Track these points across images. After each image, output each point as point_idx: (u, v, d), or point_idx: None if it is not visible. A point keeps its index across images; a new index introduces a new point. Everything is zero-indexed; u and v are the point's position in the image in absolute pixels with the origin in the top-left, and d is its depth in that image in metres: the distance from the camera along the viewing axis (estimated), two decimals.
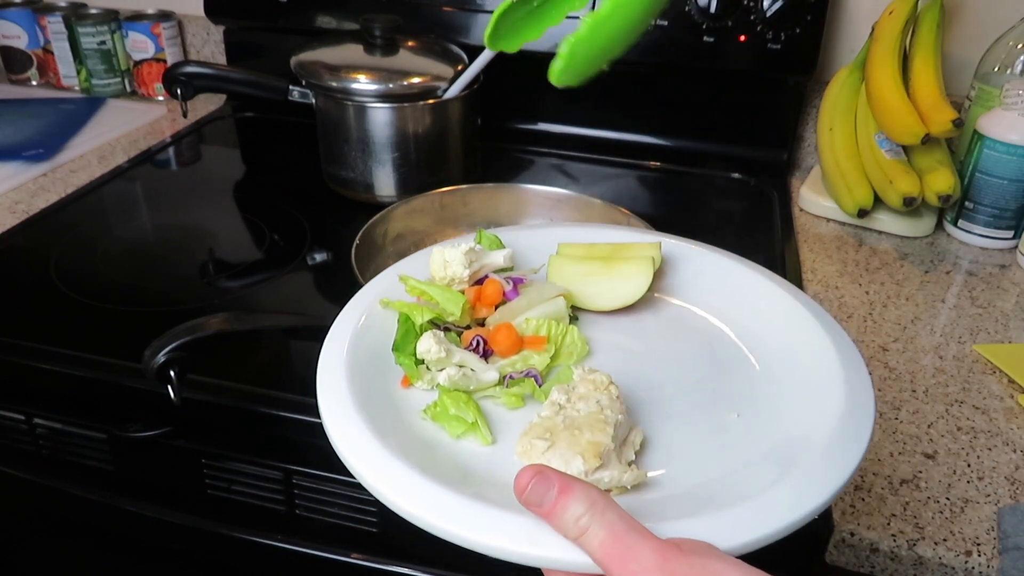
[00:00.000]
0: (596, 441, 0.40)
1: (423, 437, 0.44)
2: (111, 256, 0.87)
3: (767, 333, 0.52)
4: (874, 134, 0.98)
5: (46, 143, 1.12)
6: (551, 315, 0.51)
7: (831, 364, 0.47)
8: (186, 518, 0.71)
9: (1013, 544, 0.51)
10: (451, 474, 0.41)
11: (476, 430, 0.44)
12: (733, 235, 1.00)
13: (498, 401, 0.47)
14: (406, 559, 0.67)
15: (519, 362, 0.49)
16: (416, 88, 0.92)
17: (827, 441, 0.41)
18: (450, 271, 0.53)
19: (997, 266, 0.93)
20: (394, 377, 0.48)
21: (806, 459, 0.41)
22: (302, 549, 0.69)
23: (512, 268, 0.56)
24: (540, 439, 0.41)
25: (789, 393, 0.47)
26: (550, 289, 0.53)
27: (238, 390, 0.66)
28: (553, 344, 0.50)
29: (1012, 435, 0.67)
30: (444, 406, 0.45)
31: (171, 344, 0.57)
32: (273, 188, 1.03)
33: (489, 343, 0.50)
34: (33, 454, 0.74)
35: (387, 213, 0.82)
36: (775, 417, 0.46)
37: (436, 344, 0.47)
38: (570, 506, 0.35)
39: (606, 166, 1.13)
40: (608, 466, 0.40)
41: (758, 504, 0.38)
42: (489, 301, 0.53)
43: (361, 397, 0.44)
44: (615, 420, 0.41)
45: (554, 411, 0.43)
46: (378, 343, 0.49)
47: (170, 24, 1.28)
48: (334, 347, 0.48)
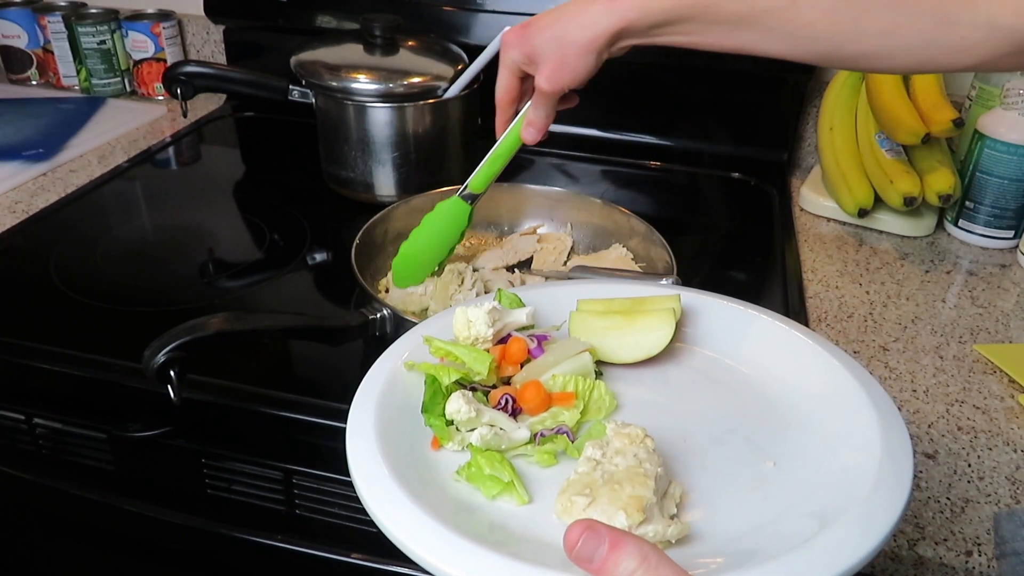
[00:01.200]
0: (638, 495, 0.39)
1: (458, 499, 0.44)
2: (111, 256, 0.87)
3: (790, 378, 0.52)
4: (874, 134, 0.98)
5: (46, 143, 1.12)
6: (577, 371, 0.51)
7: (861, 406, 0.47)
8: (186, 518, 0.71)
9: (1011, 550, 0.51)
10: (489, 535, 0.41)
11: (512, 490, 0.44)
12: (733, 235, 1.00)
13: (531, 460, 0.47)
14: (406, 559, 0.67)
15: (549, 419, 0.49)
16: (416, 88, 0.92)
17: (869, 485, 0.41)
18: (474, 331, 0.53)
19: (997, 266, 0.93)
20: (423, 439, 0.48)
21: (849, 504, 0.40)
22: (302, 549, 0.69)
23: (534, 326, 0.56)
24: (580, 496, 0.40)
25: (821, 438, 0.47)
26: (575, 345, 0.53)
27: (238, 390, 0.66)
28: (581, 400, 0.50)
29: (1012, 435, 0.67)
30: (479, 466, 0.44)
31: (171, 344, 0.57)
32: (273, 188, 1.03)
33: (518, 401, 0.49)
34: (33, 454, 0.74)
35: (387, 213, 0.82)
36: (811, 463, 0.46)
37: (466, 404, 0.47)
38: (622, 561, 0.34)
39: (606, 166, 1.13)
40: (651, 520, 0.39)
41: (804, 556, 0.37)
42: (514, 359, 0.53)
43: (393, 461, 0.43)
44: (655, 473, 0.41)
45: (591, 467, 0.42)
46: (405, 406, 0.49)
47: (170, 24, 1.28)
48: (362, 411, 0.47)
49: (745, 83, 1.09)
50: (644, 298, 0.57)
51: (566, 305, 0.58)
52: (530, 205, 0.89)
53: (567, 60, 0.61)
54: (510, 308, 0.56)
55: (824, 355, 0.52)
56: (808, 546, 0.38)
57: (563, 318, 0.57)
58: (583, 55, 0.60)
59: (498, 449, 0.46)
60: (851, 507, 0.40)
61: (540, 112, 0.67)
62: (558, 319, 0.57)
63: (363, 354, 0.71)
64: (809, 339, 0.54)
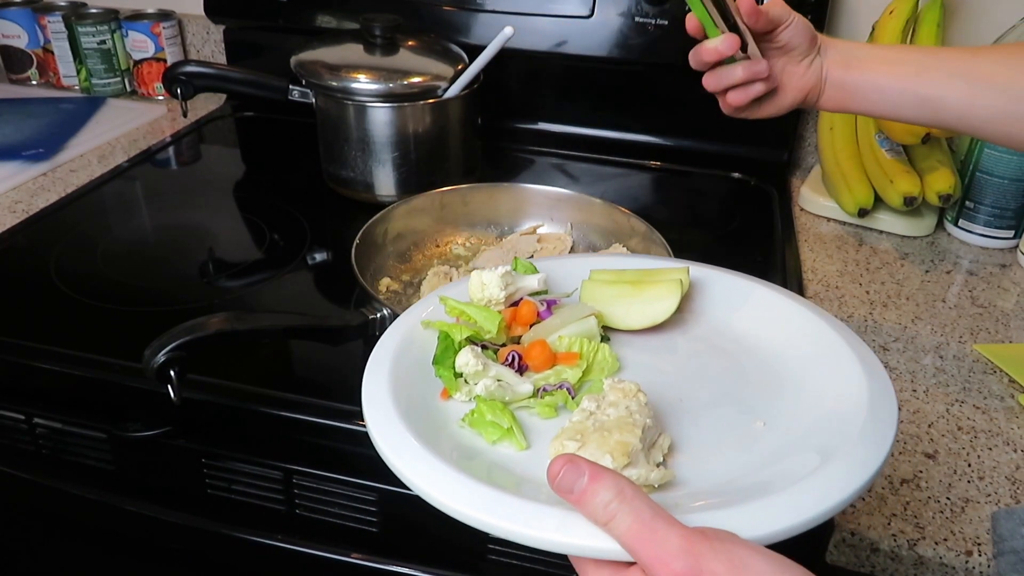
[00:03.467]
0: (624, 441, 0.41)
1: (462, 443, 0.46)
2: (111, 256, 0.87)
3: (786, 345, 0.54)
4: (874, 133, 0.98)
5: (46, 143, 1.12)
6: (583, 333, 0.53)
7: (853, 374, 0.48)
8: (186, 518, 0.71)
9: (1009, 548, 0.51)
10: (489, 475, 0.43)
11: (511, 436, 0.46)
12: (733, 234, 1.00)
13: (532, 411, 0.49)
14: (406, 559, 0.67)
15: (552, 376, 0.51)
16: (416, 88, 0.92)
17: (849, 444, 0.43)
18: (487, 292, 0.56)
19: (997, 265, 0.93)
20: (434, 389, 0.50)
21: (827, 457, 0.42)
22: (302, 549, 0.69)
23: (546, 291, 0.59)
24: (571, 440, 0.43)
25: (812, 402, 0.49)
26: (582, 309, 0.55)
27: (238, 390, 0.66)
28: (585, 360, 0.52)
29: (1012, 435, 0.67)
30: (481, 413, 0.47)
31: (171, 344, 0.57)
32: (273, 188, 1.03)
33: (524, 359, 0.52)
34: (33, 454, 0.74)
35: (387, 213, 0.82)
36: (799, 424, 0.47)
37: (474, 358, 0.49)
38: (599, 492, 0.36)
39: (606, 166, 1.13)
40: (636, 465, 0.41)
41: (781, 497, 0.39)
42: (524, 321, 0.55)
43: (404, 407, 0.46)
44: (643, 423, 0.43)
45: (585, 416, 0.45)
46: (420, 360, 0.51)
47: (170, 23, 1.28)
48: (379, 362, 0.50)
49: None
50: (654, 270, 0.59)
51: (579, 275, 0.60)
52: (530, 205, 0.89)
53: None
54: (524, 274, 0.59)
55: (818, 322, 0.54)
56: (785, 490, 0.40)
57: (575, 286, 0.59)
58: None
59: (502, 400, 0.49)
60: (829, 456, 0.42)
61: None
62: (571, 288, 0.60)
63: (363, 354, 0.71)
64: (809, 310, 0.55)
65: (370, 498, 0.65)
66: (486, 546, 0.64)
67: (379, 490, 0.65)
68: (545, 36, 1.08)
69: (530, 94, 1.16)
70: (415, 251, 0.85)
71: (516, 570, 0.65)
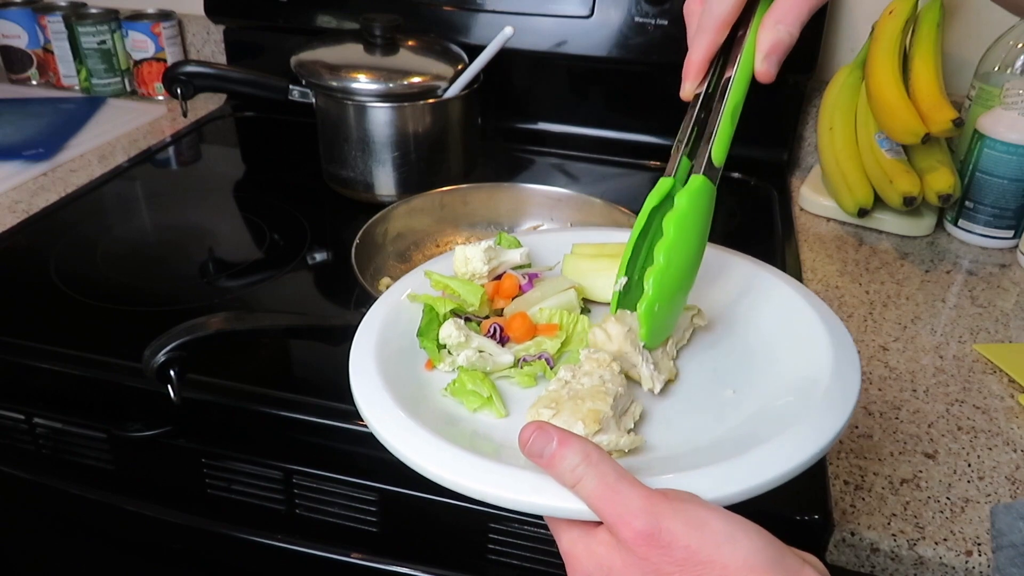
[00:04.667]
0: (596, 408, 0.43)
1: (445, 411, 0.48)
2: (111, 256, 0.87)
3: (765, 320, 0.55)
4: (874, 133, 0.98)
5: (46, 143, 1.12)
6: (563, 305, 0.55)
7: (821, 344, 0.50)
8: (186, 518, 0.71)
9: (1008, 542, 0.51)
10: (470, 442, 0.45)
11: (491, 404, 0.48)
12: (733, 234, 1.00)
13: (513, 381, 0.51)
14: (406, 559, 0.67)
15: (532, 347, 0.53)
16: (416, 88, 0.92)
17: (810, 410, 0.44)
18: (471, 267, 0.58)
19: (997, 265, 0.93)
20: (419, 361, 0.52)
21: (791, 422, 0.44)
22: (302, 549, 0.69)
23: (529, 265, 0.61)
24: (546, 408, 0.45)
25: (782, 372, 0.50)
26: (562, 282, 0.57)
27: (238, 390, 0.66)
28: (564, 331, 0.53)
29: (1012, 435, 0.67)
30: (462, 383, 0.49)
31: (171, 344, 0.57)
32: (273, 188, 1.03)
33: (505, 330, 0.54)
34: (33, 454, 0.74)
35: (387, 213, 0.82)
36: (768, 391, 0.49)
37: (456, 330, 0.51)
38: (567, 456, 0.38)
39: (606, 166, 1.13)
40: (607, 431, 0.43)
41: (741, 460, 0.41)
42: (506, 294, 0.57)
43: (389, 376, 0.48)
44: (615, 392, 0.45)
45: (560, 385, 0.46)
46: (405, 332, 0.53)
47: (170, 23, 1.28)
48: (365, 334, 0.52)
49: None
50: None
51: (562, 249, 0.61)
52: (530, 205, 0.89)
53: None
54: (507, 248, 0.61)
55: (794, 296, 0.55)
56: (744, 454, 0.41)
57: (558, 260, 0.61)
58: None
59: (483, 370, 0.51)
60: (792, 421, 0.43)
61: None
62: (553, 261, 0.62)
63: None
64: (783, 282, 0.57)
65: (370, 498, 0.65)
66: (486, 546, 0.64)
67: (379, 490, 0.65)
68: (545, 36, 1.08)
69: (530, 94, 1.16)
70: (415, 251, 0.85)
71: (516, 570, 0.65)
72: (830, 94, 1.04)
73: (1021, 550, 0.49)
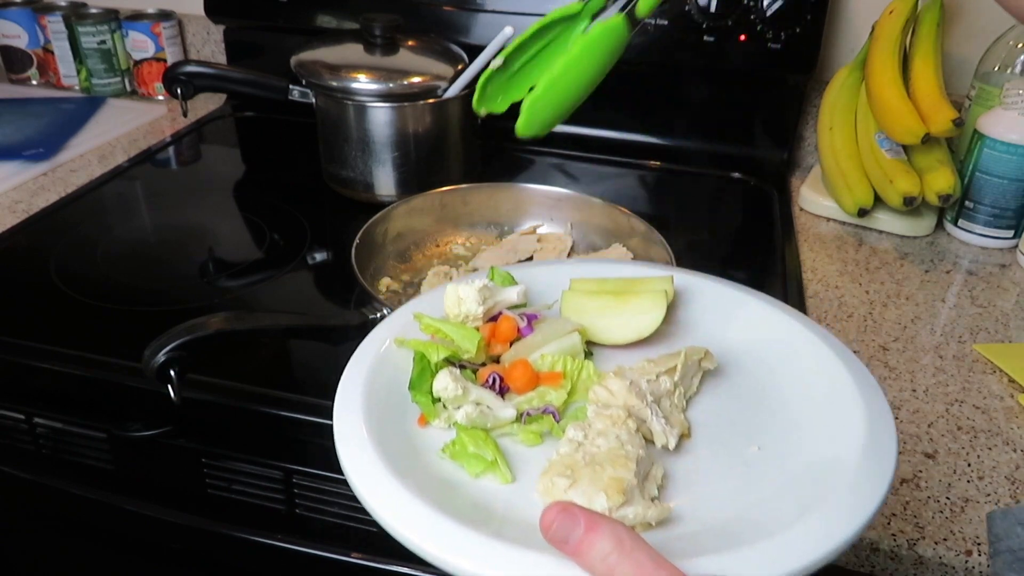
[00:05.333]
0: (619, 477, 0.39)
1: (442, 476, 0.44)
2: (111, 256, 0.87)
3: (782, 364, 0.52)
4: (874, 133, 0.98)
5: (46, 143, 1.12)
6: (566, 350, 0.51)
7: (848, 392, 0.47)
8: (186, 518, 0.71)
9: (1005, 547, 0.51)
10: (471, 513, 0.41)
11: (495, 468, 0.44)
12: (733, 235, 1.00)
13: (516, 438, 0.47)
14: (406, 559, 0.67)
15: (536, 398, 0.49)
16: (416, 88, 0.92)
17: (851, 474, 0.41)
18: (464, 308, 0.53)
19: (997, 265, 0.93)
20: (411, 416, 0.48)
21: (831, 492, 0.40)
22: (302, 549, 0.69)
23: (526, 304, 0.56)
24: (561, 477, 0.40)
25: (808, 423, 0.47)
26: (564, 324, 0.53)
27: (238, 390, 0.66)
28: (569, 380, 0.50)
29: (1012, 435, 0.67)
30: (463, 444, 0.44)
31: (171, 344, 0.57)
32: (273, 188, 1.03)
33: (505, 380, 0.50)
34: (33, 454, 0.74)
35: (387, 213, 0.82)
36: (796, 448, 0.45)
37: (453, 382, 0.47)
38: (597, 543, 0.34)
39: (606, 166, 1.13)
40: (632, 502, 0.39)
41: (784, 540, 0.37)
42: (504, 338, 0.53)
43: (379, 437, 0.43)
44: (636, 455, 0.41)
45: (573, 448, 0.43)
46: (394, 382, 0.49)
47: (170, 23, 1.28)
48: (350, 387, 0.47)
49: (745, 83, 1.09)
50: (637, 279, 0.57)
51: (559, 285, 0.57)
52: (530, 205, 0.89)
53: None
54: (502, 286, 0.56)
55: (815, 341, 0.51)
56: (787, 531, 0.38)
57: (555, 297, 0.56)
58: None
59: (484, 427, 0.46)
60: (831, 496, 0.40)
61: None
62: (551, 298, 0.57)
63: None
64: (800, 323, 0.53)
65: None
66: None
67: None
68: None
69: None
70: (415, 251, 0.85)
71: None
72: (830, 94, 1.04)
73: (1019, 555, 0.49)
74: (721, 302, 0.57)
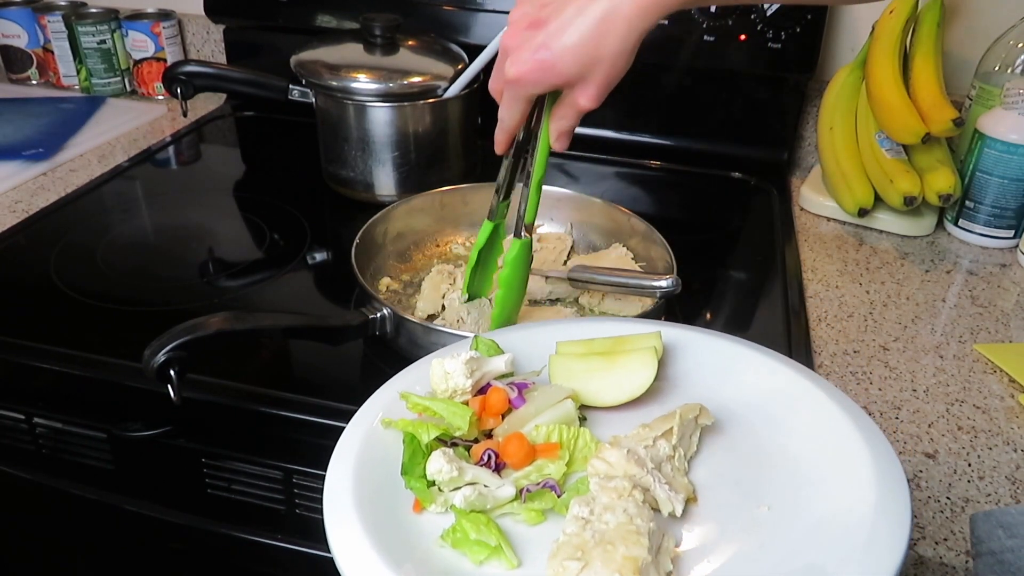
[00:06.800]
0: (633, 556, 0.38)
1: (443, 566, 0.42)
2: (111, 256, 0.87)
3: (780, 415, 0.51)
4: (875, 133, 0.98)
5: (46, 142, 1.12)
6: (560, 419, 0.50)
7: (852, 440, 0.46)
8: (186, 518, 0.71)
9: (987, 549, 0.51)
10: None
11: (500, 554, 0.42)
12: (733, 234, 1.00)
13: (517, 518, 0.45)
14: None
15: (534, 473, 0.47)
16: (416, 88, 0.92)
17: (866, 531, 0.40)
18: (452, 383, 0.51)
19: (997, 265, 0.93)
20: (404, 502, 0.46)
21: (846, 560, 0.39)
22: (302, 549, 0.69)
23: (513, 373, 0.55)
24: (572, 560, 0.39)
25: (815, 476, 0.46)
26: (556, 392, 0.52)
27: (238, 390, 0.66)
28: (567, 450, 0.48)
29: (1013, 435, 0.67)
30: (464, 531, 0.43)
31: (171, 344, 0.57)
32: (273, 188, 1.03)
33: (501, 456, 0.48)
34: (33, 454, 0.74)
35: (387, 212, 0.82)
36: (806, 505, 0.44)
37: (447, 463, 0.45)
38: None
39: (606, 166, 1.13)
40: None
41: None
42: (495, 411, 0.51)
43: (373, 528, 0.42)
44: (648, 529, 0.40)
45: (580, 526, 0.41)
46: (384, 466, 0.47)
47: (170, 23, 1.28)
48: (339, 475, 0.46)
49: (745, 83, 1.09)
50: (624, 337, 0.55)
51: (544, 348, 0.56)
52: None
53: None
54: (488, 356, 0.55)
55: (815, 391, 0.50)
56: None
57: (542, 362, 0.55)
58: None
59: (483, 509, 0.44)
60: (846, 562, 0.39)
61: (571, 122, 0.59)
62: (537, 363, 0.56)
63: (363, 354, 0.72)
64: (798, 373, 0.52)
65: None
66: None
67: None
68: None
69: None
70: (415, 251, 0.85)
71: None
72: (830, 94, 1.04)
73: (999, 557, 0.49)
74: (711, 355, 0.56)
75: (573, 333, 0.57)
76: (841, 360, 0.75)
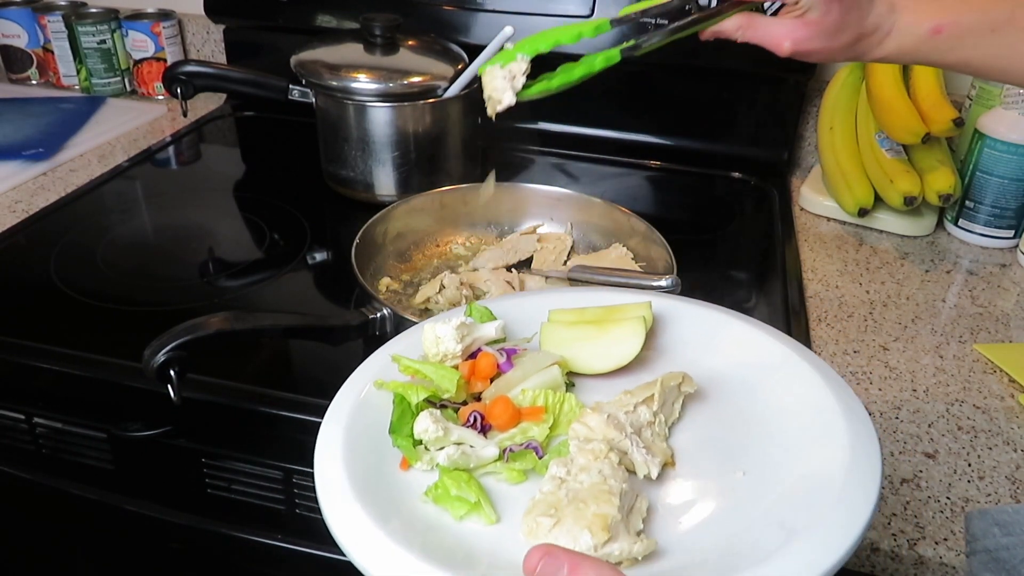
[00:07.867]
0: (603, 513, 0.39)
1: (426, 520, 0.43)
2: (111, 256, 0.87)
3: (764, 386, 0.51)
4: (875, 133, 0.98)
5: (46, 142, 1.12)
6: (547, 384, 0.51)
7: (829, 408, 0.46)
8: (186, 518, 0.71)
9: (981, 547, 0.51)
10: (456, 557, 0.40)
11: (479, 510, 0.43)
12: (733, 234, 1.00)
13: (499, 477, 0.46)
14: None
15: (518, 435, 0.48)
16: (416, 87, 0.92)
17: (836, 493, 0.41)
18: (443, 347, 0.52)
19: (997, 265, 0.93)
20: (392, 460, 0.47)
21: (817, 514, 0.40)
22: (302, 549, 0.69)
23: (504, 339, 0.56)
24: (545, 516, 0.40)
25: (792, 443, 0.46)
26: (544, 358, 0.52)
27: (238, 390, 0.66)
28: (551, 414, 0.49)
29: (1012, 434, 0.67)
30: (445, 487, 0.44)
31: (171, 344, 0.57)
32: (273, 188, 1.03)
33: (487, 418, 0.49)
34: (33, 454, 0.74)
35: (387, 212, 0.82)
36: (780, 470, 0.45)
37: (433, 423, 0.46)
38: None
39: (606, 166, 1.13)
40: (617, 538, 0.39)
41: (772, 568, 0.37)
42: (483, 375, 0.52)
43: (360, 483, 0.43)
44: (620, 489, 0.41)
45: (556, 485, 0.42)
46: (374, 426, 0.48)
47: (170, 23, 1.28)
48: (330, 433, 0.47)
49: (745, 83, 1.09)
50: (615, 307, 0.56)
51: (537, 316, 0.56)
52: (530, 205, 0.89)
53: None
54: (480, 322, 0.55)
55: (796, 360, 0.51)
56: (773, 561, 0.37)
57: (534, 330, 0.56)
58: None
59: (466, 468, 0.46)
60: (815, 520, 0.40)
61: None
62: (530, 331, 0.57)
63: (363, 354, 0.71)
64: (783, 344, 0.53)
65: None
66: None
67: None
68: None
69: None
70: (415, 251, 0.85)
71: None
72: (830, 94, 1.04)
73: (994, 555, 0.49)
74: (701, 325, 0.57)
75: (566, 302, 0.58)
76: (841, 360, 0.75)
